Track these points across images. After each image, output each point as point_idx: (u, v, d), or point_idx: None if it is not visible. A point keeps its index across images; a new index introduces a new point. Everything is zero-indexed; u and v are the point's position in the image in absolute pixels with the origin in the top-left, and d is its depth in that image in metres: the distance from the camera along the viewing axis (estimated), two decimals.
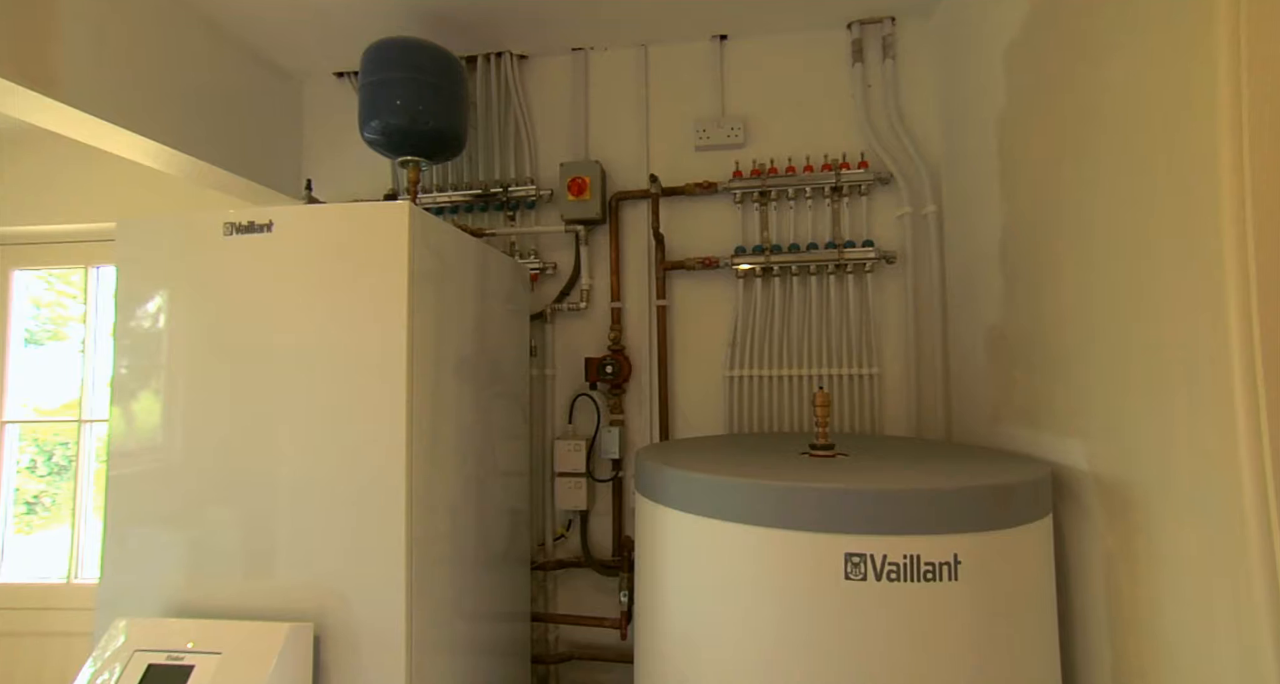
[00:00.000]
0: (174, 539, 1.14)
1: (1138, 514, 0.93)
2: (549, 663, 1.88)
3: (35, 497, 2.54)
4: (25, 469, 2.54)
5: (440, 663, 1.21)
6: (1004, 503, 0.92)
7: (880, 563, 0.86)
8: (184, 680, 0.94)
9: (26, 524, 2.52)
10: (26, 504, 2.54)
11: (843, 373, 1.75)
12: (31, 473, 2.55)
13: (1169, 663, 0.89)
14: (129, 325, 1.19)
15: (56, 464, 2.53)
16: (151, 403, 1.18)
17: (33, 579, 2.42)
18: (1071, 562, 1.08)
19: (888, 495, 0.88)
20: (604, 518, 1.88)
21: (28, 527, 2.53)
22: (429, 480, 1.19)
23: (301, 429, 1.13)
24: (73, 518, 2.46)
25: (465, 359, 1.39)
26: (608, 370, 1.82)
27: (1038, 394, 1.22)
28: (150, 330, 1.19)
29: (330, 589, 1.09)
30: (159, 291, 1.19)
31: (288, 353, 1.14)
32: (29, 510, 2.54)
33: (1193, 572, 0.84)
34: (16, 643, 2.38)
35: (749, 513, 0.93)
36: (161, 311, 1.19)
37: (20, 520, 2.52)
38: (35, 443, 2.57)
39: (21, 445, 2.54)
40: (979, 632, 0.89)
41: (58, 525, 2.47)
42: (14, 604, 2.39)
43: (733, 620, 0.96)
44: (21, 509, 2.53)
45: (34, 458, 2.56)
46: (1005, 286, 1.37)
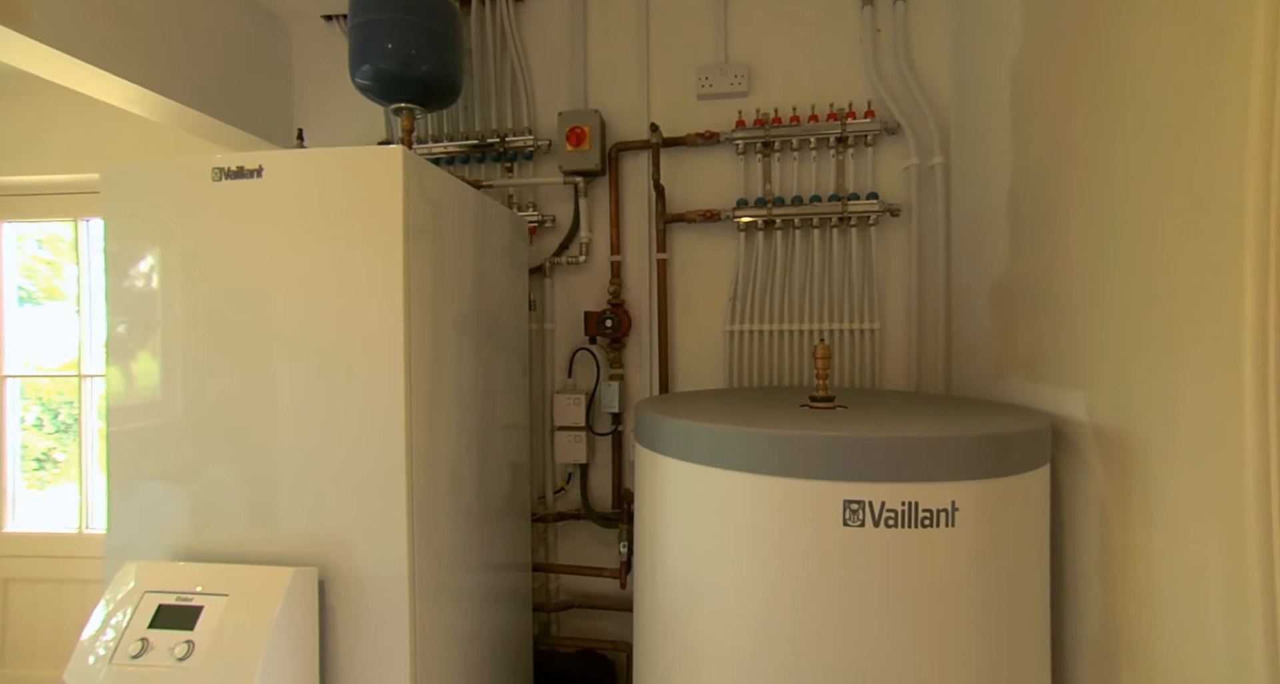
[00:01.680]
0: (176, 490, 1.15)
1: (1136, 465, 0.94)
2: (550, 611, 1.93)
3: (45, 453, 2.60)
4: (33, 427, 2.58)
5: (443, 610, 1.24)
6: (1003, 451, 0.92)
7: (879, 509, 0.87)
8: (194, 620, 0.96)
9: (39, 480, 2.59)
10: (37, 461, 2.60)
11: (844, 328, 1.74)
12: (39, 430, 2.59)
13: (1156, 605, 0.90)
14: (120, 278, 1.17)
15: (62, 422, 2.57)
16: (147, 357, 1.17)
17: (45, 530, 2.48)
18: (1066, 510, 1.09)
19: (887, 443, 0.88)
20: (604, 471, 1.90)
21: (40, 483, 2.59)
22: (429, 433, 1.19)
23: (299, 383, 1.12)
24: (79, 472, 2.50)
25: (463, 313, 1.37)
26: (607, 324, 1.81)
27: (1041, 347, 1.21)
28: (142, 283, 1.17)
29: (333, 537, 1.11)
30: (148, 242, 1.16)
31: (283, 305, 1.12)
32: (39, 467, 2.60)
33: (1187, 521, 0.85)
34: (35, 588, 2.45)
35: (749, 461, 0.93)
36: (152, 264, 1.16)
37: (32, 476, 2.58)
38: (40, 402, 2.60)
39: (26, 403, 2.57)
40: (974, 577, 0.90)
41: (68, 481, 2.53)
42: (29, 552, 2.45)
43: (731, 567, 0.98)
44: (33, 466, 2.58)
45: (40, 416, 2.60)
46: (1011, 239, 1.34)
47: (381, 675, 1.10)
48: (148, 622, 0.97)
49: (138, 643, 0.95)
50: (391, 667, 1.10)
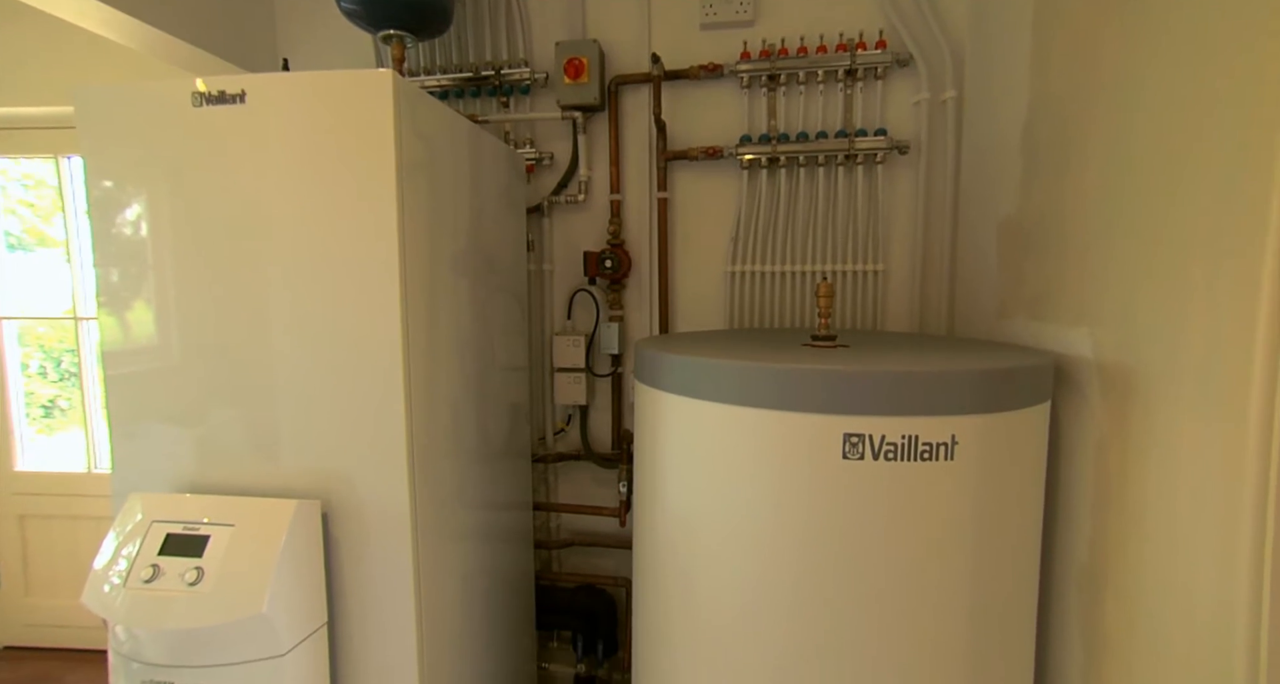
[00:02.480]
0: (177, 429, 1.15)
1: (1137, 400, 0.93)
2: (551, 548, 1.98)
3: (51, 400, 2.64)
4: (37, 374, 2.61)
5: (446, 545, 1.27)
6: (1004, 386, 0.92)
7: (878, 443, 0.87)
8: (202, 548, 0.98)
9: (47, 427, 2.64)
10: (43, 408, 2.64)
11: (847, 269, 1.72)
12: (43, 378, 2.62)
13: (1145, 535, 0.92)
14: (104, 217, 1.13)
15: (66, 370, 2.59)
16: (137, 299, 1.14)
17: (55, 469, 2.52)
18: (1064, 445, 1.10)
19: (889, 377, 0.88)
20: (603, 413, 1.92)
21: (49, 429, 2.64)
22: (427, 373, 1.18)
23: (295, 322, 1.11)
24: (83, 415, 2.53)
25: (460, 252, 1.35)
26: (607, 265, 1.78)
27: (1048, 285, 1.19)
28: (127, 224, 1.13)
29: (335, 473, 1.12)
30: (130, 178, 1.12)
31: (275, 242, 1.09)
32: (46, 414, 2.64)
33: (1184, 455, 0.85)
34: (50, 524, 2.52)
35: (749, 395, 0.93)
36: (136, 201, 1.12)
37: (40, 423, 2.62)
38: (42, 349, 2.61)
39: (28, 351, 2.58)
40: (971, 509, 0.92)
41: (75, 427, 2.57)
42: (41, 490, 2.50)
43: (731, 502, 0.99)
44: (40, 413, 2.63)
45: (43, 364, 2.62)
46: (1023, 174, 1.31)
47: (387, 604, 1.13)
48: (157, 549, 0.99)
49: (149, 569, 0.97)
50: (396, 596, 1.13)
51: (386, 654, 1.15)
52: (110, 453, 1.18)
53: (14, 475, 2.51)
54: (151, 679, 0.98)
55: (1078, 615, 1.07)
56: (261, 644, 0.97)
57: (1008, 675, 1.01)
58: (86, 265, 2.46)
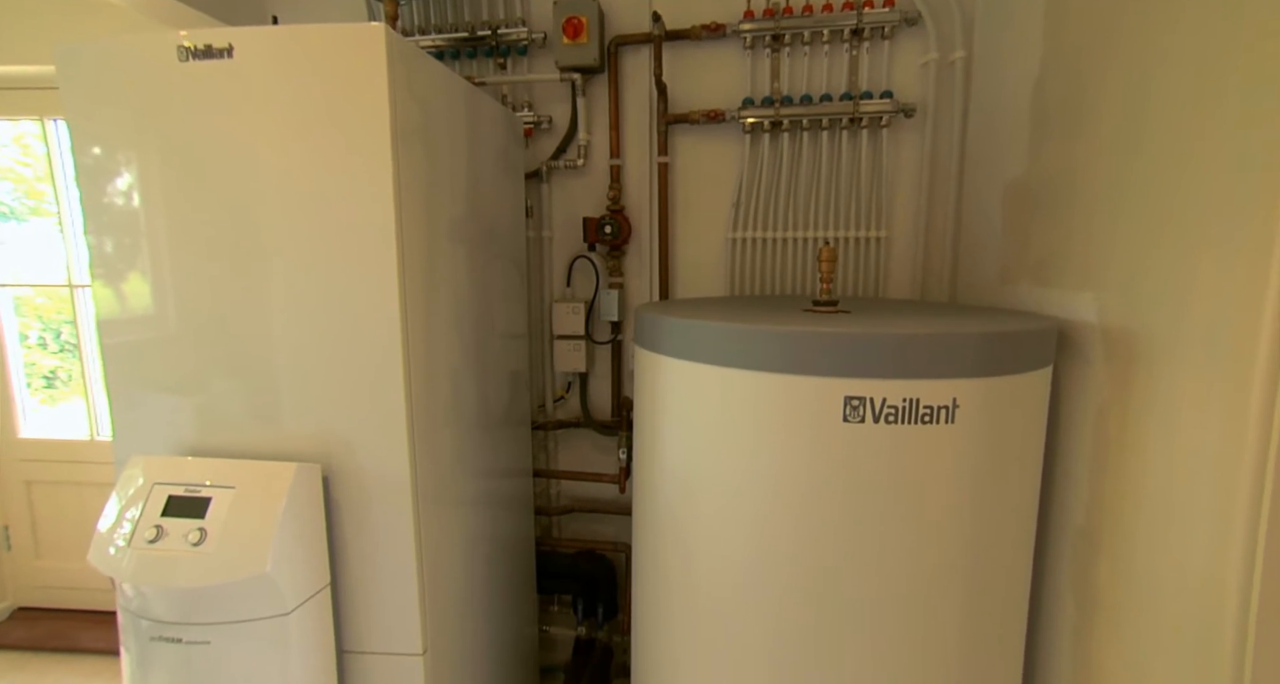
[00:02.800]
0: (176, 395, 1.14)
1: (1140, 365, 0.93)
2: (551, 514, 2.00)
3: (52, 371, 2.64)
4: (37, 345, 2.61)
5: (447, 510, 1.27)
6: (1007, 350, 0.91)
7: (879, 406, 0.87)
8: (204, 509, 0.98)
9: (50, 397, 2.65)
10: (45, 379, 2.65)
11: (849, 236, 1.70)
12: (44, 349, 2.62)
13: (1141, 499, 0.93)
14: (91, 180, 1.10)
15: (65, 342, 2.59)
16: (129, 265, 1.12)
17: (59, 436, 2.54)
18: (1064, 410, 1.10)
19: (890, 339, 0.87)
20: (603, 380, 1.92)
21: (51, 399, 2.66)
22: (426, 340, 1.17)
23: (292, 290, 1.09)
24: (84, 385, 2.53)
25: (458, 217, 1.32)
26: (606, 231, 1.76)
27: (1053, 249, 1.18)
28: (114, 185, 1.11)
29: (335, 439, 1.12)
30: (115, 136, 1.09)
31: (267, 205, 1.07)
32: (49, 384, 2.65)
33: (1185, 421, 0.85)
34: (56, 490, 2.55)
35: (750, 358, 0.92)
36: (123, 165, 1.09)
37: (43, 393, 2.64)
38: (40, 320, 2.60)
39: (26, 322, 2.57)
40: (970, 472, 0.92)
41: (77, 398, 2.59)
42: (46, 457, 2.53)
43: (731, 466, 0.99)
44: (42, 384, 2.64)
45: (42, 335, 2.62)
46: (1032, 136, 1.28)
47: (389, 566, 1.14)
48: (160, 511, 1.00)
49: (153, 530, 0.98)
50: (398, 558, 1.14)
51: (389, 615, 1.16)
52: (110, 420, 1.18)
53: (18, 442, 2.53)
54: (160, 635, 1.00)
55: (1071, 576, 1.09)
56: (266, 603, 0.99)
57: (1001, 634, 1.03)
58: (79, 232, 2.43)
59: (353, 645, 1.17)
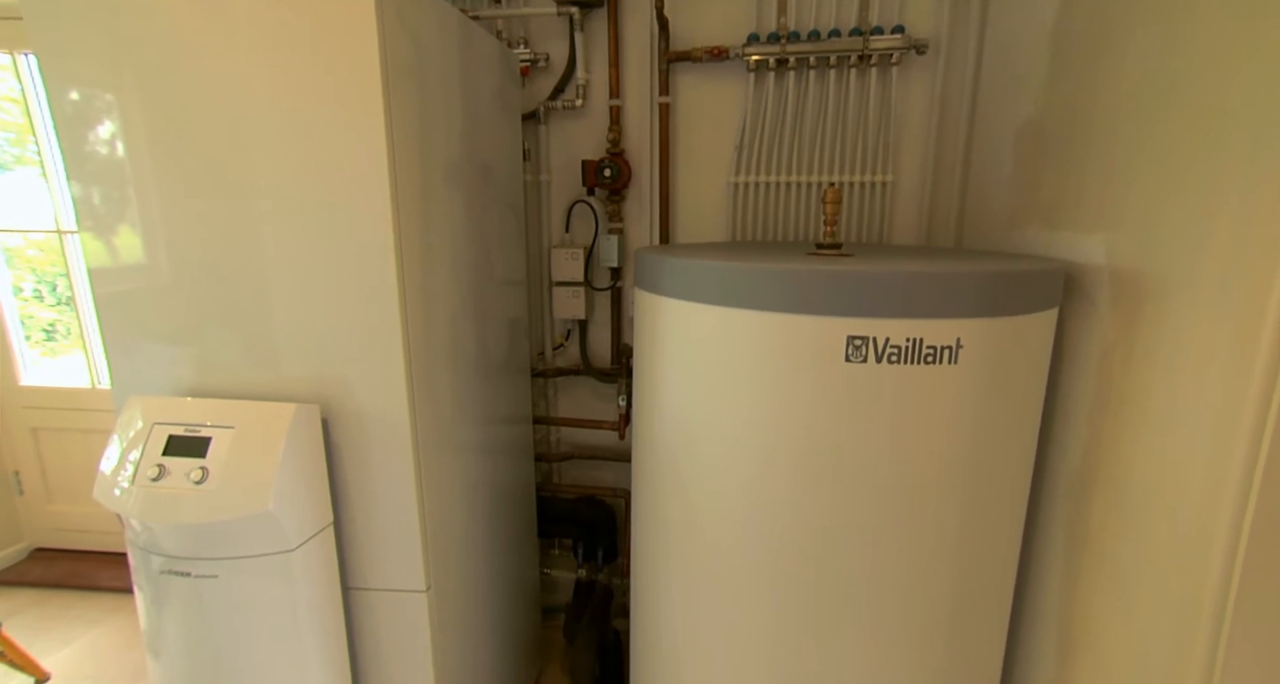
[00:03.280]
0: (172, 340, 1.13)
1: (1148, 308, 0.91)
2: (552, 461, 2.02)
3: (51, 324, 2.65)
4: (33, 298, 2.60)
5: (447, 455, 1.28)
6: (1013, 290, 0.90)
7: (882, 345, 0.86)
8: (204, 449, 0.99)
9: (50, 350, 2.67)
10: (45, 332, 2.65)
11: (854, 180, 1.66)
12: (40, 302, 2.61)
13: (1139, 442, 0.93)
14: (65, 117, 1.06)
15: (61, 295, 2.57)
16: (117, 212, 1.09)
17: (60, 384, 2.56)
18: (1067, 354, 1.09)
19: (895, 277, 0.85)
20: (602, 328, 1.91)
21: (52, 352, 2.67)
22: (423, 284, 1.15)
23: (284, 233, 1.07)
24: (80, 333, 2.53)
25: (453, 160, 1.28)
26: (606, 174, 1.71)
27: (1066, 191, 1.15)
28: (94, 128, 1.06)
29: (333, 380, 1.12)
30: (89, 73, 1.04)
31: (253, 147, 1.04)
32: (48, 337, 2.66)
33: (1191, 361, 0.84)
34: (63, 437, 2.59)
35: (752, 297, 0.91)
36: (100, 102, 1.05)
37: (43, 346, 2.65)
38: (34, 272, 2.58)
39: (20, 274, 2.55)
40: (971, 414, 0.92)
41: (77, 352, 2.60)
42: (49, 404, 2.55)
43: (731, 407, 0.99)
44: (42, 336, 2.65)
45: (37, 288, 2.60)
46: (1051, 71, 1.23)
47: (391, 507, 1.16)
48: (161, 450, 1.00)
49: (155, 468, 0.99)
50: (399, 500, 1.15)
51: (392, 554, 1.19)
52: (108, 368, 1.17)
53: (20, 389, 2.55)
54: (170, 569, 1.02)
55: (1064, 516, 1.10)
56: (270, 540, 1.01)
57: (994, 571, 1.05)
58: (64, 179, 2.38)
59: (357, 582, 1.20)
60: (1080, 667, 1.07)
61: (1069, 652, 1.09)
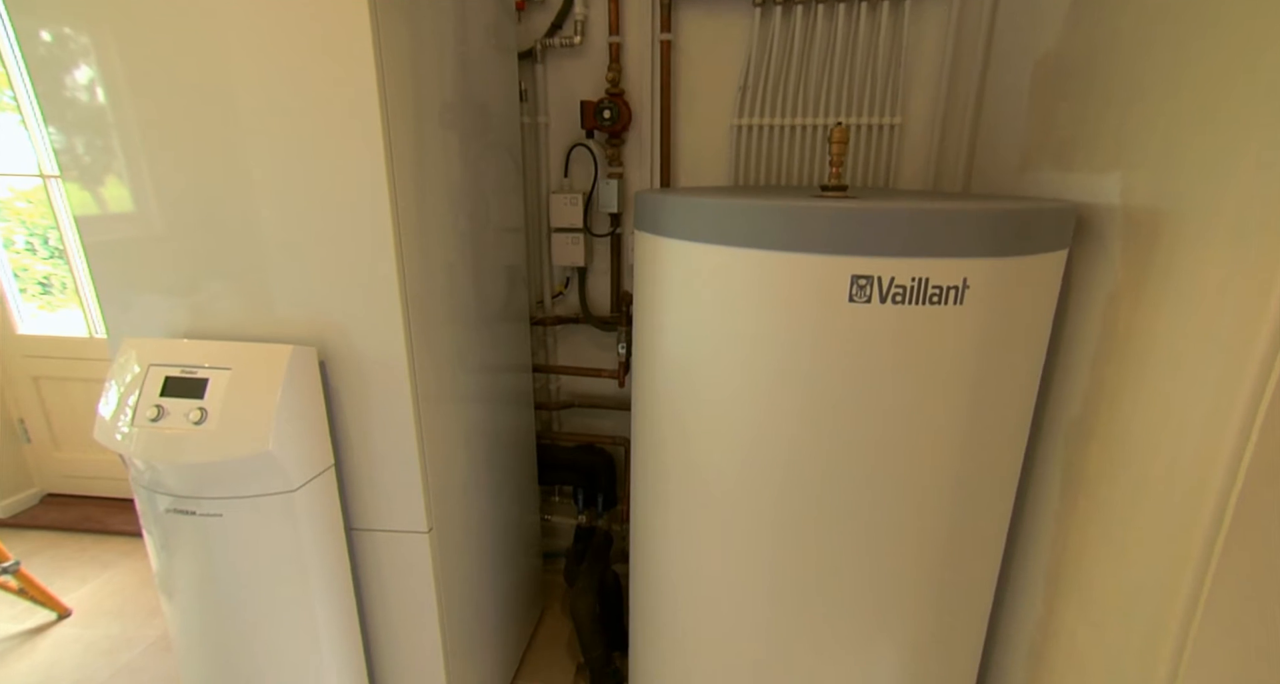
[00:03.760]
0: (164, 282, 1.11)
1: (1161, 250, 0.89)
2: (551, 409, 2.03)
3: (46, 277, 2.63)
4: (25, 251, 2.58)
5: (446, 403, 1.28)
6: (1022, 230, 0.87)
7: (887, 285, 0.84)
8: (202, 390, 0.98)
9: (48, 304, 2.66)
10: (41, 285, 2.64)
11: (861, 122, 1.60)
12: (33, 254, 2.59)
13: (1142, 388, 0.92)
14: (41, 65, 1.02)
15: (54, 247, 2.54)
16: (100, 158, 1.06)
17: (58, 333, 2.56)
18: (1072, 298, 1.08)
19: (902, 214, 0.83)
20: (602, 276, 1.88)
21: (49, 306, 2.67)
22: (419, 228, 1.13)
23: (277, 177, 1.03)
24: (75, 287, 2.51)
25: (447, 100, 1.23)
26: (605, 115, 1.66)
27: (1082, 129, 1.10)
28: (71, 72, 1.01)
29: (329, 325, 1.10)
30: (59, 11, 0.99)
31: (241, 86, 0.99)
32: (44, 290, 2.65)
33: (1199, 308, 0.83)
34: (65, 386, 2.61)
35: (754, 236, 0.88)
36: (72, 39, 1.00)
37: (40, 299, 2.65)
38: (24, 224, 2.54)
39: (10, 226, 2.53)
40: (975, 356, 0.90)
41: (74, 307, 2.60)
42: (49, 354, 2.56)
43: (732, 351, 0.97)
44: (38, 290, 2.64)
45: (29, 240, 2.57)
46: (1074, 2, 1.17)
47: (391, 450, 1.16)
48: (158, 391, 1.00)
49: (154, 409, 0.99)
50: (399, 442, 1.16)
51: (394, 496, 1.20)
52: (101, 313, 1.16)
53: (18, 338, 2.55)
54: (174, 508, 1.03)
55: (1061, 460, 1.11)
56: (272, 480, 1.01)
57: (989, 513, 1.06)
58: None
59: (360, 523, 1.22)
60: (1068, 605, 1.09)
61: (1057, 591, 1.12)
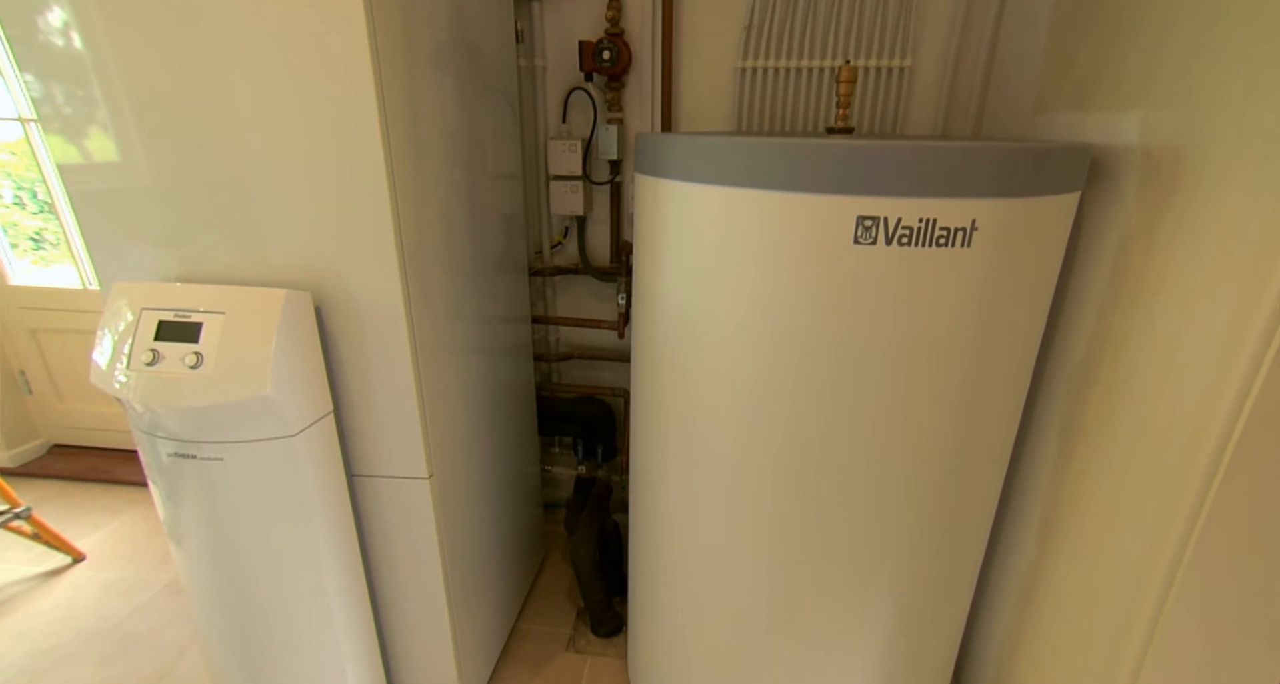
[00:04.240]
0: (154, 230, 1.08)
1: (1181, 188, 0.86)
2: (551, 361, 2.03)
3: (38, 232, 2.59)
4: (14, 205, 2.53)
5: (444, 354, 1.27)
6: (1035, 169, 0.84)
7: (893, 227, 0.82)
8: (196, 334, 0.97)
9: (41, 259, 2.63)
10: (33, 240, 2.61)
11: (870, 65, 1.54)
12: (22, 209, 2.54)
13: (1148, 334, 0.91)
14: (10, 3, 0.96)
15: (43, 201, 2.50)
16: (81, 107, 1.01)
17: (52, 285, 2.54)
18: (1083, 242, 1.06)
19: (910, 151, 0.80)
20: (601, 225, 1.85)
21: (44, 261, 2.64)
22: (414, 174, 1.09)
23: (265, 119, 0.99)
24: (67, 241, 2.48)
25: (440, 42, 1.18)
26: (605, 57, 1.59)
27: (1102, 67, 1.06)
28: (38, 6, 0.96)
29: (325, 270, 1.08)
30: None
31: (225, 26, 0.94)
32: (37, 246, 2.62)
33: (1214, 249, 0.81)
34: (62, 338, 2.61)
35: (756, 175, 0.86)
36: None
37: (33, 255, 2.62)
38: (10, 177, 2.49)
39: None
40: (981, 301, 0.89)
41: (68, 262, 2.56)
42: (44, 305, 2.54)
43: (734, 296, 0.96)
44: (30, 245, 2.61)
45: (17, 194, 2.53)
46: None
47: (390, 396, 1.16)
48: (152, 335, 0.99)
49: (149, 353, 0.98)
50: (399, 387, 1.15)
51: (394, 443, 1.20)
52: (89, 258, 1.13)
53: (11, 289, 2.53)
54: (176, 452, 1.04)
55: (1061, 408, 1.11)
56: (271, 424, 1.01)
57: (987, 459, 1.07)
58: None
59: (361, 470, 1.23)
60: (1060, 550, 1.11)
61: (1050, 536, 1.14)
